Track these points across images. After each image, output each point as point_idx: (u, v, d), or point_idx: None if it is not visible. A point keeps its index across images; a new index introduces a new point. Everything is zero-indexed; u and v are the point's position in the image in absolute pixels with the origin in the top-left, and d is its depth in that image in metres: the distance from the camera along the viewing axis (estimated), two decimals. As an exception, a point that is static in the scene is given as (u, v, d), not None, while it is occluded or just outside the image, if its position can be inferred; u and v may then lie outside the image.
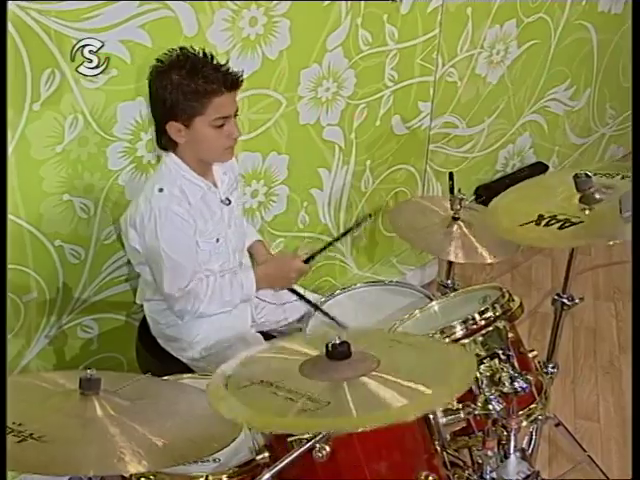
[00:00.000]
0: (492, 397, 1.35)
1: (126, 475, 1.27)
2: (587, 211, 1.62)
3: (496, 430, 1.40)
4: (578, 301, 1.94)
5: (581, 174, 1.64)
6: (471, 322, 1.52)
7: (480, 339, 1.50)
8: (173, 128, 1.79)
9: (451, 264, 2.26)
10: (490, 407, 1.35)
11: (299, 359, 1.25)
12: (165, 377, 1.65)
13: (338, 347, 1.11)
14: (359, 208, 2.71)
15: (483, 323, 1.52)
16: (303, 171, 2.44)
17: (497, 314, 1.54)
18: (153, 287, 1.93)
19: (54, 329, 2.05)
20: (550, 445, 2.30)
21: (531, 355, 1.60)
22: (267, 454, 1.34)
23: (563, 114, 3.32)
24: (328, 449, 1.19)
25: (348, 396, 1.10)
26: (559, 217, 1.62)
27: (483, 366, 1.43)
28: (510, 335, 1.51)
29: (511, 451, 1.40)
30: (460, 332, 1.52)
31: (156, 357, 2.01)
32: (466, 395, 1.41)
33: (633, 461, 1.40)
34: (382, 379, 1.16)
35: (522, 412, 1.51)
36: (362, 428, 1.07)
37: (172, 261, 1.79)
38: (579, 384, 2.62)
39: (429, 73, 2.63)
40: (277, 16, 2.10)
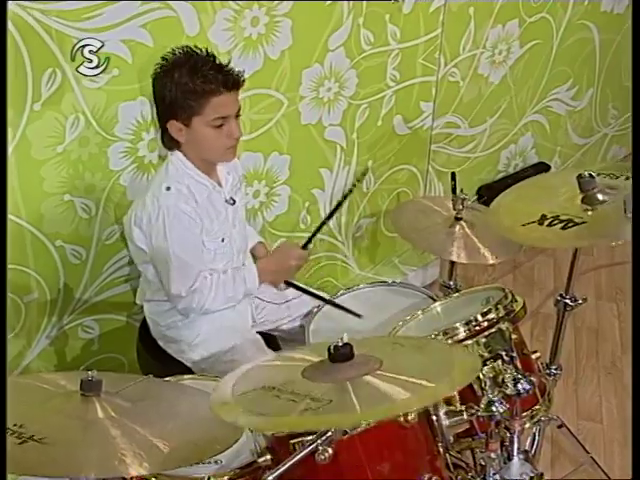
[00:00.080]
0: (495, 399, 1.35)
1: (127, 477, 1.26)
2: (590, 212, 1.62)
3: (499, 432, 1.39)
4: (581, 302, 1.93)
5: (585, 174, 1.63)
6: (474, 323, 1.52)
7: (483, 340, 1.50)
8: (174, 127, 1.78)
9: (453, 265, 2.26)
10: (493, 409, 1.34)
11: (302, 365, 1.25)
12: (166, 378, 1.65)
13: (340, 349, 1.10)
14: (361, 208, 2.71)
15: (486, 324, 1.52)
16: (305, 171, 2.43)
17: (500, 315, 1.53)
18: (154, 287, 1.92)
19: (55, 330, 2.05)
20: (553, 446, 2.29)
21: (534, 356, 1.59)
22: (269, 456, 1.34)
23: (565, 114, 3.31)
24: (330, 451, 1.19)
25: (351, 393, 1.10)
26: (562, 217, 1.61)
27: (486, 368, 1.43)
28: (513, 336, 1.51)
29: (514, 453, 1.40)
30: (463, 333, 1.51)
31: (157, 358, 2.01)
32: (469, 397, 1.42)
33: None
34: (385, 377, 1.15)
35: (525, 414, 1.50)
36: (366, 422, 1.06)
37: (180, 260, 1.78)
38: (581, 385, 2.61)
39: (431, 73, 2.62)
40: (279, 16, 2.09)
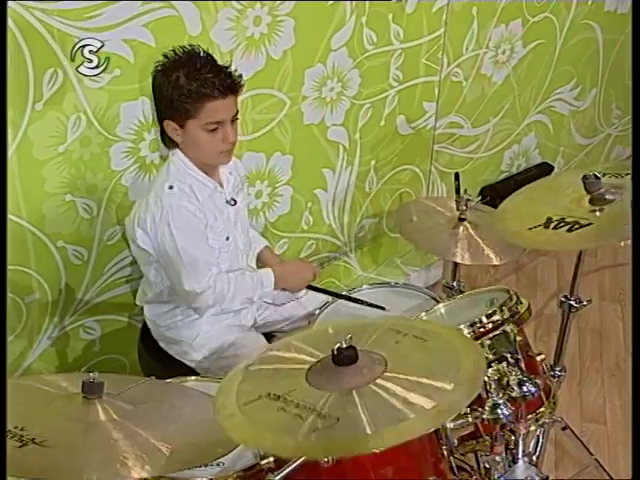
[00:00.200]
0: (500, 401, 1.34)
1: (129, 480, 1.25)
2: (597, 212, 1.60)
3: (504, 435, 1.38)
4: (586, 303, 1.92)
5: (590, 175, 1.62)
6: (478, 325, 1.51)
7: (488, 342, 1.49)
8: (170, 127, 1.78)
9: (457, 265, 2.25)
10: (498, 411, 1.33)
11: (305, 365, 1.22)
12: (168, 379, 1.64)
13: (344, 352, 1.09)
14: (363, 209, 2.70)
15: (491, 326, 1.51)
16: (307, 171, 2.42)
17: (505, 317, 1.52)
18: (156, 289, 1.91)
19: (56, 330, 2.04)
20: (556, 448, 2.28)
21: (539, 358, 1.58)
22: (272, 459, 1.33)
23: (569, 114, 3.30)
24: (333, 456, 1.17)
25: (359, 409, 1.07)
26: (568, 219, 1.59)
27: (491, 370, 1.41)
28: (518, 338, 1.49)
29: (519, 456, 1.39)
30: (467, 335, 1.50)
31: (158, 359, 2.00)
32: (474, 399, 1.40)
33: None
34: (391, 384, 1.13)
35: (530, 416, 1.49)
36: (377, 449, 1.03)
37: (190, 257, 1.77)
38: (585, 386, 2.60)
39: (434, 73, 2.61)
40: (281, 15, 2.08)
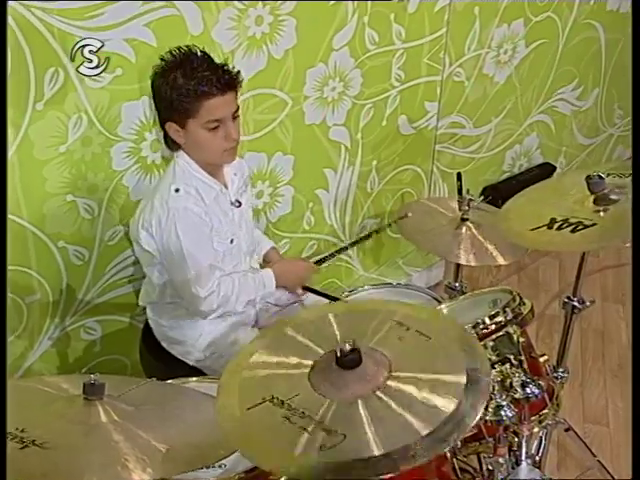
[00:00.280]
0: (504, 403, 1.33)
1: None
2: (601, 213, 1.59)
3: (507, 436, 1.38)
4: (589, 304, 1.91)
5: (594, 175, 1.61)
6: (481, 326, 1.49)
7: (491, 344, 1.48)
8: (172, 129, 1.77)
9: (459, 266, 2.24)
10: (502, 413, 1.33)
11: (308, 361, 1.21)
12: (169, 380, 1.63)
13: (348, 355, 1.08)
14: (365, 209, 2.69)
15: (494, 327, 1.50)
16: (309, 172, 2.42)
17: (508, 318, 1.51)
18: (159, 290, 1.90)
19: (57, 331, 2.04)
20: (559, 450, 2.27)
21: (542, 360, 1.57)
22: (274, 461, 1.31)
23: (571, 114, 3.29)
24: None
25: (366, 426, 1.06)
26: (571, 220, 1.59)
27: (494, 371, 1.41)
28: (521, 340, 1.49)
29: (522, 458, 1.38)
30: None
31: (160, 359, 1.99)
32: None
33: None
34: (396, 389, 1.12)
35: (534, 418, 1.48)
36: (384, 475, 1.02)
37: (196, 261, 1.77)
38: (587, 387, 2.59)
39: (436, 73, 2.60)
40: (283, 15, 2.07)
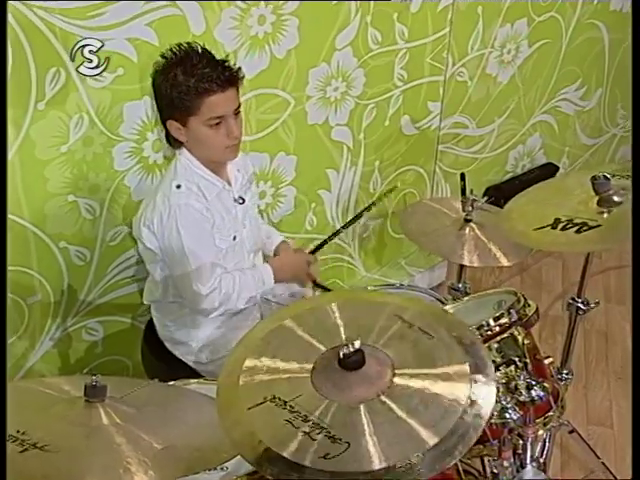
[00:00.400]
0: (509, 405, 1.32)
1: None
2: (605, 214, 1.59)
3: (512, 439, 1.37)
4: (593, 305, 1.90)
5: (599, 176, 1.60)
6: (486, 328, 1.48)
7: (495, 346, 1.46)
8: (173, 127, 1.76)
9: (462, 267, 2.22)
10: (507, 416, 1.32)
11: (310, 358, 1.19)
12: (171, 382, 1.62)
13: (352, 357, 1.07)
14: (367, 209, 2.68)
15: (498, 329, 1.48)
16: (311, 172, 2.41)
17: (512, 320, 1.50)
18: (162, 288, 1.90)
19: (59, 332, 2.03)
20: (562, 452, 2.26)
21: (547, 362, 1.55)
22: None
23: (574, 114, 3.28)
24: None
25: (367, 435, 1.05)
26: (576, 221, 1.58)
27: (499, 373, 1.40)
28: (526, 341, 1.47)
29: (527, 461, 1.37)
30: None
31: (162, 360, 1.99)
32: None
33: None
34: (400, 393, 1.11)
35: (539, 420, 1.47)
36: None
37: (197, 259, 1.76)
38: (591, 389, 2.58)
39: (439, 73, 2.59)
40: (286, 14, 2.07)
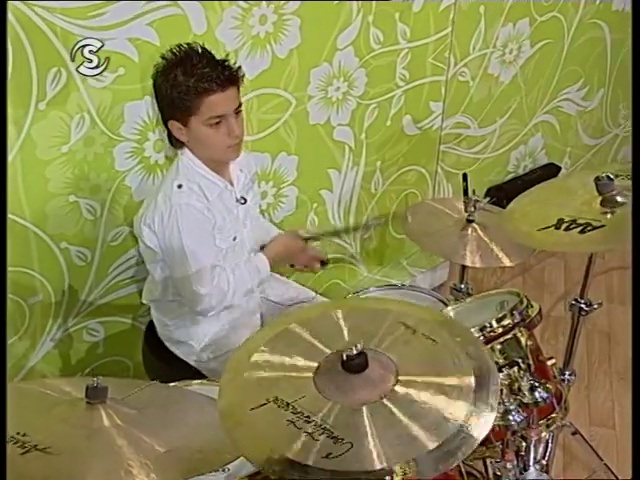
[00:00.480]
0: (512, 407, 1.31)
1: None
2: (609, 214, 1.58)
3: (515, 441, 1.36)
4: (596, 306, 1.89)
5: (603, 176, 1.59)
6: (489, 329, 1.47)
7: (498, 347, 1.46)
8: (174, 127, 1.76)
9: (464, 267, 2.22)
10: (510, 418, 1.31)
11: (312, 366, 1.19)
12: (172, 383, 1.62)
13: (355, 359, 1.06)
14: (369, 210, 2.67)
15: (501, 330, 1.47)
16: (313, 172, 2.40)
17: (516, 321, 1.49)
18: (161, 287, 1.89)
19: (59, 332, 2.03)
20: (565, 453, 2.25)
21: (550, 363, 1.55)
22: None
23: (576, 114, 3.27)
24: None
25: (369, 436, 1.04)
26: (579, 221, 1.57)
27: (502, 375, 1.39)
28: (529, 343, 1.47)
29: (530, 463, 1.36)
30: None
31: (163, 361, 1.98)
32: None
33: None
34: (403, 396, 1.10)
35: (542, 422, 1.46)
36: None
37: (197, 259, 1.75)
38: (593, 390, 2.57)
39: (441, 72, 2.59)
40: (287, 14, 2.06)
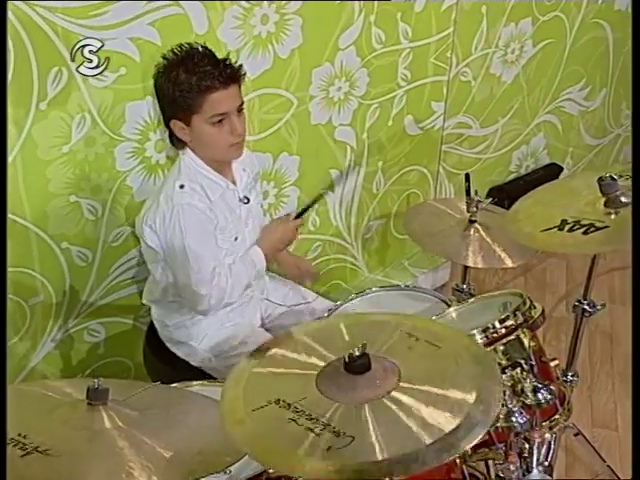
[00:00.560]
0: (515, 409, 1.31)
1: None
2: (613, 215, 1.57)
3: (518, 443, 1.35)
4: (600, 307, 1.89)
5: (606, 177, 1.58)
6: (491, 330, 1.47)
7: (501, 348, 1.45)
8: (177, 126, 1.75)
9: (466, 268, 2.21)
10: (513, 419, 1.30)
11: (316, 366, 1.19)
12: (173, 384, 1.61)
13: (357, 360, 1.06)
14: (370, 210, 2.67)
15: (504, 332, 1.47)
16: (314, 172, 2.39)
17: (518, 322, 1.48)
18: (162, 287, 1.89)
19: (60, 333, 2.02)
20: (567, 454, 2.24)
21: (553, 364, 1.54)
22: (280, 467, 1.29)
23: (578, 114, 3.26)
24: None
25: (372, 431, 1.04)
26: (583, 222, 1.56)
27: (505, 376, 1.38)
28: (532, 344, 1.46)
29: (533, 465, 1.36)
30: (480, 340, 1.46)
31: (164, 361, 1.98)
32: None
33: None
34: (406, 397, 1.09)
35: (545, 424, 1.45)
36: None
37: (199, 259, 1.75)
38: (596, 391, 2.56)
39: (443, 72, 2.58)
40: (289, 14, 2.05)
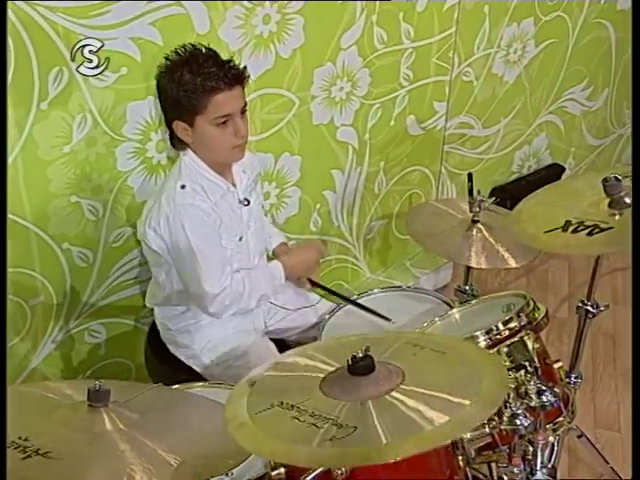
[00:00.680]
0: (519, 411, 1.29)
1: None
2: (617, 216, 1.56)
3: (522, 445, 1.34)
4: (603, 309, 1.88)
5: (610, 178, 1.57)
6: (495, 332, 1.46)
7: (505, 350, 1.45)
8: (179, 127, 1.75)
9: (469, 269, 2.20)
10: (517, 422, 1.29)
11: (319, 375, 1.19)
12: (175, 385, 1.61)
13: (361, 361, 1.05)
14: (372, 210, 2.66)
15: (507, 333, 1.46)
16: (316, 172, 2.39)
17: (522, 324, 1.48)
18: (165, 290, 1.88)
19: (61, 334, 2.01)
20: (570, 456, 2.23)
21: (556, 366, 1.53)
22: (282, 469, 1.28)
23: (580, 114, 3.25)
24: (348, 466, 1.14)
25: (375, 420, 1.03)
26: (587, 223, 1.56)
27: (509, 378, 1.37)
28: (536, 346, 1.45)
29: (537, 467, 1.35)
30: (484, 342, 1.46)
31: (165, 362, 1.97)
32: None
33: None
34: (408, 397, 1.09)
35: (548, 426, 1.45)
36: (394, 458, 1.00)
37: (207, 258, 1.73)
38: (599, 392, 2.55)
39: (445, 72, 2.57)
40: (291, 14, 2.05)
